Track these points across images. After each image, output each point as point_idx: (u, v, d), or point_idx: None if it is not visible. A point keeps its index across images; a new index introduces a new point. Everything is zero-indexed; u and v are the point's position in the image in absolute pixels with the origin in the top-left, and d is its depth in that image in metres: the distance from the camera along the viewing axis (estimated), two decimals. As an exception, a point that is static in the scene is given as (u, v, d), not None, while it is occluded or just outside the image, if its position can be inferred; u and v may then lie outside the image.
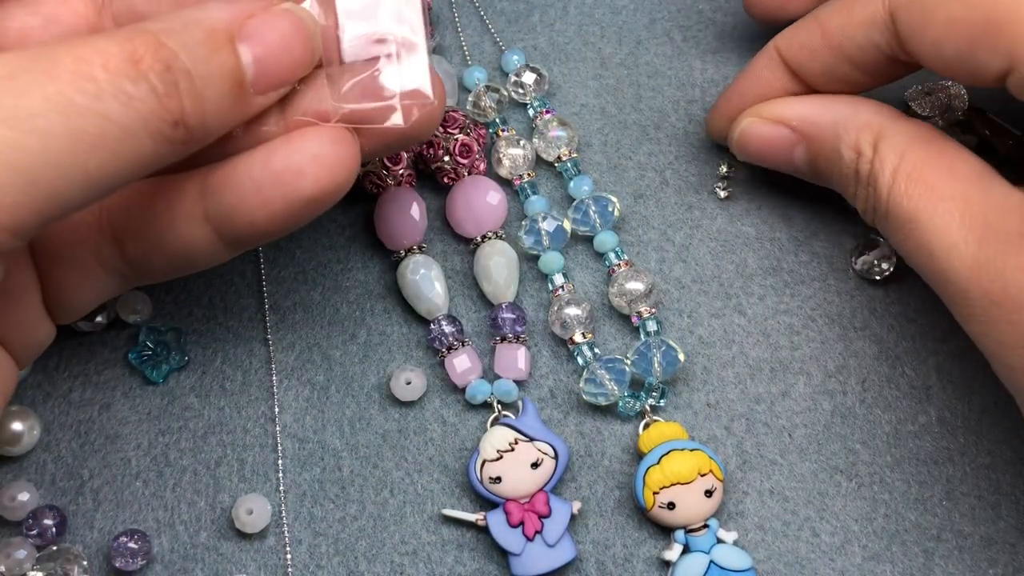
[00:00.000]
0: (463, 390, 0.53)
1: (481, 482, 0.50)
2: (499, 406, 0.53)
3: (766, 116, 0.52)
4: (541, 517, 0.50)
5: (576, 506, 0.51)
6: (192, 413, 0.53)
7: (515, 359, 0.53)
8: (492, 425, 0.52)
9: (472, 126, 0.57)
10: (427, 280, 0.54)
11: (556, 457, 0.51)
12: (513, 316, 0.54)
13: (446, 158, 0.56)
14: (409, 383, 0.52)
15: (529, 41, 0.62)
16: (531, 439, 0.51)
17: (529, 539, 0.49)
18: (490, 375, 0.54)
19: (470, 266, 0.56)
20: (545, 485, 0.51)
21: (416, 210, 0.55)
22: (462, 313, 0.55)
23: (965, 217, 0.45)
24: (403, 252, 0.55)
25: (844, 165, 0.49)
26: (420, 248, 0.55)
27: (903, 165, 0.47)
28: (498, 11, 0.63)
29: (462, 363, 0.53)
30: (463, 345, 0.53)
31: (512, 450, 0.51)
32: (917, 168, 0.47)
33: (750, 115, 0.53)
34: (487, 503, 0.51)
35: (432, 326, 0.54)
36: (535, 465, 0.51)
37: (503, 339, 0.53)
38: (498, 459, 0.51)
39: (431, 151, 0.56)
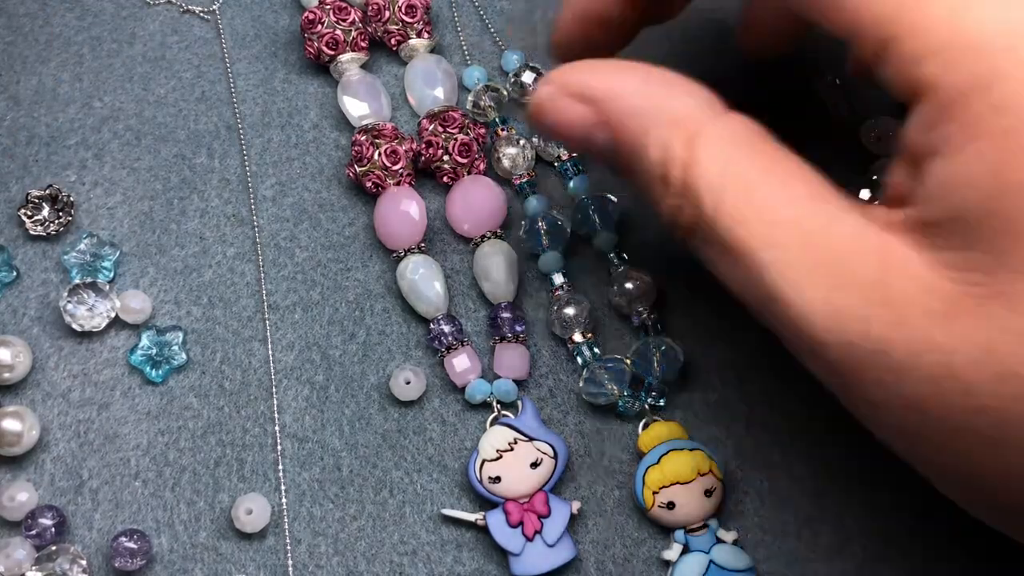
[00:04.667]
0: (462, 390, 0.53)
1: (480, 482, 0.50)
2: (498, 406, 0.53)
3: (570, 86, 0.42)
4: (540, 517, 0.50)
5: (575, 506, 0.50)
6: (191, 413, 0.53)
7: (514, 359, 0.53)
8: (491, 425, 0.52)
9: (471, 126, 0.57)
10: (426, 280, 0.54)
11: (555, 457, 0.51)
12: (512, 316, 0.54)
13: (445, 157, 0.56)
14: (408, 383, 0.52)
15: (529, 41, 0.62)
16: (530, 439, 0.51)
17: (529, 539, 0.49)
18: (490, 375, 0.53)
19: (470, 266, 0.56)
20: (544, 485, 0.51)
21: (415, 210, 0.55)
22: (462, 313, 0.55)
23: (809, 252, 0.36)
24: (403, 252, 0.55)
25: (650, 164, 0.39)
26: (420, 248, 0.55)
27: (729, 177, 0.38)
28: (498, 10, 0.63)
29: (461, 363, 0.53)
30: (462, 345, 0.53)
31: (511, 450, 0.51)
32: (747, 182, 0.37)
33: (551, 82, 0.43)
34: (487, 503, 0.51)
35: (431, 326, 0.54)
36: (534, 465, 0.51)
37: (503, 339, 0.53)
38: (497, 459, 0.51)
39: (431, 151, 0.56)
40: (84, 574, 0.50)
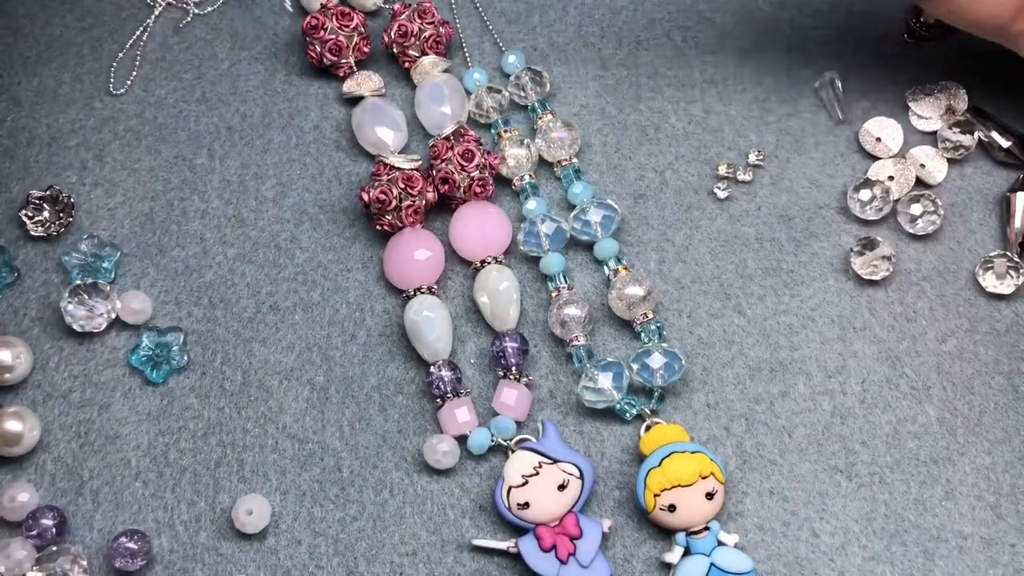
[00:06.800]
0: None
1: (509, 509, 0.50)
2: (512, 443, 0.52)
3: None
4: (573, 539, 0.49)
5: (607, 524, 0.50)
6: (192, 414, 0.53)
7: (516, 400, 0.52)
8: (512, 451, 0.52)
9: (487, 156, 0.56)
10: (431, 323, 0.53)
11: (581, 477, 0.50)
12: (517, 347, 0.53)
13: (460, 193, 0.56)
14: (446, 452, 0.52)
15: (529, 42, 0.62)
16: (555, 461, 0.51)
17: (563, 562, 0.49)
18: (487, 410, 0.53)
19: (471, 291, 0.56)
20: (573, 506, 0.50)
21: (423, 254, 0.55)
22: (469, 336, 0.55)
23: None
24: (412, 292, 0.55)
25: None
26: (430, 289, 0.55)
27: None
28: (498, 11, 0.63)
29: (462, 415, 0.52)
30: (459, 396, 0.53)
31: (537, 474, 0.50)
32: None
33: None
34: (516, 530, 0.51)
35: (432, 370, 0.53)
36: (562, 487, 0.50)
37: (506, 373, 0.53)
38: (524, 484, 0.50)
39: (447, 187, 0.56)
40: (85, 574, 0.50)
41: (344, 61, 0.60)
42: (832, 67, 0.60)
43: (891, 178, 0.57)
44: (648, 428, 0.52)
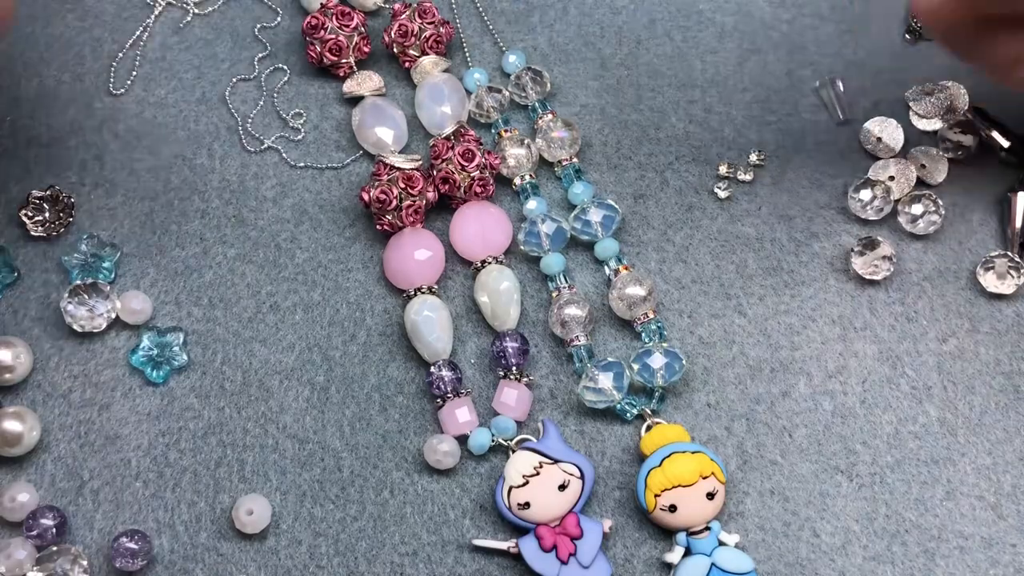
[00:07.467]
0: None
1: (510, 509, 0.50)
2: (513, 443, 0.52)
3: None
4: (573, 539, 0.49)
5: (607, 524, 0.50)
6: (192, 414, 0.53)
7: (516, 400, 0.52)
8: (513, 451, 0.51)
9: (488, 156, 0.56)
10: (431, 324, 0.53)
11: (582, 477, 0.50)
12: (517, 347, 0.53)
13: (461, 193, 0.56)
14: (446, 452, 0.52)
15: (529, 41, 0.62)
16: (555, 461, 0.51)
17: (563, 562, 0.49)
18: (486, 410, 0.53)
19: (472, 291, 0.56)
20: (574, 506, 0.50)
21: (424, 254, 0.55)
22: (469, 336, 0.55)
23: None
24: (412, 291, 0.55)
25: None
26: (430, 289, 0.55)
27: None
28: (498, 11, 0.63)
29: (463, 415, 0.52)
30: (459, 396, 0.53)
31: (538, 474, 0.50)
32: None
33: None
34: (517, 530, 0.50)
35: (432, 370, 0.53)
36: (562, 487, 0.50)
37: (506, 373, 0.53)
38: (524, 484, 0.50)
39: (447, 187, 0.56)
40: (85, 574, 0.50)
41: (344, 61, 0.60)
42: (832, 67, 0.61)
43: (892, 178, 0.57)
44: (649, 428, 0.52)
